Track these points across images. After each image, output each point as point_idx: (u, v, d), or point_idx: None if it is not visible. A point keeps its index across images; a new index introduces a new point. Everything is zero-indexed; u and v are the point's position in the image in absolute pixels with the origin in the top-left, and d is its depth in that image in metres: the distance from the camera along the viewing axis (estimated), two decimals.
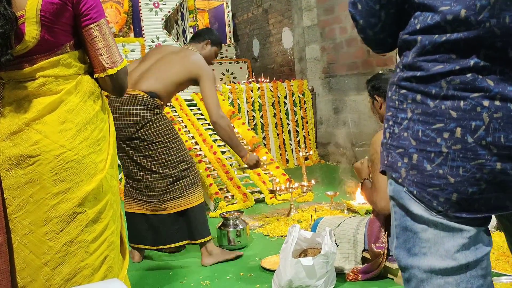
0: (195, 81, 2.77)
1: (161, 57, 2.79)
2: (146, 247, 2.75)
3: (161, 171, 2.57)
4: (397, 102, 0.93)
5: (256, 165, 3.04)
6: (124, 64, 1.42)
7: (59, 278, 1.26)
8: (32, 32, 1.25)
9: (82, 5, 1.32)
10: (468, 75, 0.82)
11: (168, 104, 5.16)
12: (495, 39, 0.80)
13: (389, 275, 2.29)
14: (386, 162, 0.96)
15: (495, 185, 0.84)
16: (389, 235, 2.29)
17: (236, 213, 3.10)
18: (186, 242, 2.68)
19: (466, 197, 0.85)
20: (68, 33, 1.34)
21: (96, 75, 1.41)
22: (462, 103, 0.83)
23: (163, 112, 2.67)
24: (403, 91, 0.91)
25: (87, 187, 1.30)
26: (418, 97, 0.88)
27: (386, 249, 2.23)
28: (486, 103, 0.81)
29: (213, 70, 2.97)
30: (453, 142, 0.84)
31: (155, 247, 2.74)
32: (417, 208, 0.90)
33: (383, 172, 1.00)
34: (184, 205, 2.60)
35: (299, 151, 5.77)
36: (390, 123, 0.95)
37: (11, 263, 1.27)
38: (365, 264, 2.32)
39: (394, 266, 2.22)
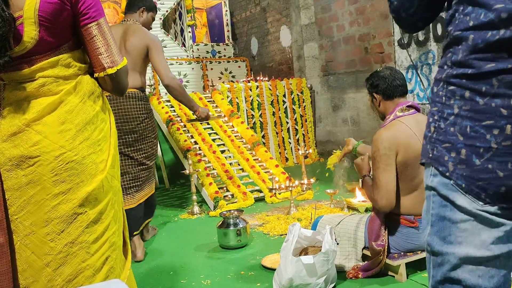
0: (146, 53, 3.05)
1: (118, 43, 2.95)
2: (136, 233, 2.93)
3: (146, 163, 2.99)
4: (444, 98, 0.97)
5: (206, 117, 3.45)
6: (124, 64, 1.41)
7: (60, 279, 1.26)
8: (30, 32, 1.24)
9: (80, 4, 1.31)
10: None
11: (167, 104, 5.18)
12: None
13: (389, 273, 2.30)
14: (430, 155, 1.00)
15: None
16: (389, 233, 2.29)
17: (236, 212, 3.10)
18: (149, 220, 3.17)
19: None
20: (67, 33, 1.33)
21: (96, 75, 1.40)
22: None
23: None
24: (452, 87, 0.95)
25: (88, 188, 1.30)
26: (467, 94, 0.91)
27: (386, 247, 2.23)
28: None
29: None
30: (503, 138, 0.88)
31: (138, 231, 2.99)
32: (462, 200, 0.95)
33: (423, 164, 1.04)
34: (152, 190, 3.07)
35: (298, 149, 5.77)
36: (436, 117, 0.99)
37: (13, 264, 1.26)
38: (366, 262, 2.33)
39: (395, 263, 2.22)
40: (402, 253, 2.29)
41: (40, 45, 1.27)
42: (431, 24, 4.26)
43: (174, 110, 5.15)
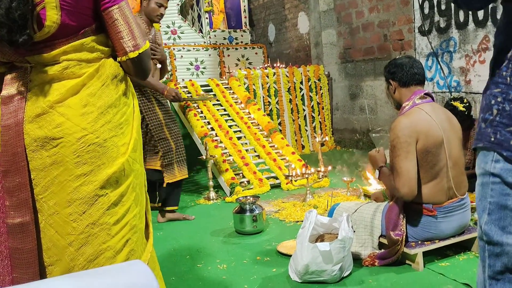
0: None
1: None
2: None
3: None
4: (508, 79, 0.91)
5: (176, 97, 3.16)
6: (146, 47, 1.40)
7: (82, 259, 1.29)
8: (52, 16, 1.25)
9: None
10: None
11: (184, 90, 5.15)
12: None
13: (406, 261, 2.29)
14: (492, 139, 0.94)
15: None
16: (407, 222, 2.28)
17: (252, 198, 3.11)
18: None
19: None
20: (89, 17, 1.33)
21: (118, 59, 1.40)
22: None
23: (142, 100, 3.09)
24: None
25: (109, 170, 1.31)
26: None
27: (404, 236, 2.22)
28: None
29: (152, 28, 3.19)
30: None
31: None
32: None
33: (475, 149, 0.98)
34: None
35: (315, 137, 5.74)
36: (499, 99, 0.93)
37: (38, 242, 1.30)
38: (382, 250, 2.32)
39: (412, 252, 2.21)
40: (419, 242, 2.28)
41: (63, 29, 1.28)
42: (452, 10, 4.17)
43: (191, 96, 5.16)
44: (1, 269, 1.31)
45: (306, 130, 5.85)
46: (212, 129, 4.71)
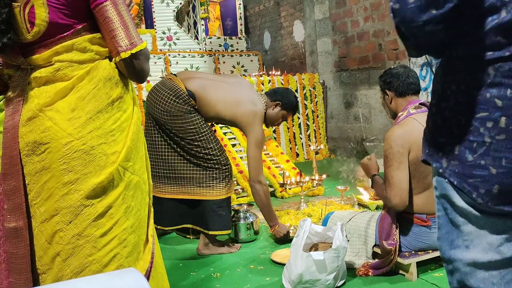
0: (238, 127, 2.85)
1: (231, 81, 2.87)
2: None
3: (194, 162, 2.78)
4: (441, 89, 0.89)
5: (285, 236, 2.86)
6: (142, 47, 1.28)
7: (69, 270, 1.24)
8: (41, 14, 1.21)
9: None
10: None
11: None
12: None
13: (400, 271, 2.28)
14: (427, 151, 0.93)
15: None
16: (401, 232, 2.27)
17: (246, 206, 3.10)
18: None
19: (509, 189, 0.81)
20: (79, 15, 1.27)
21: (113, 60, 1.31)
22: (508, 91, 0.79)
23: (196, 113, 2.66)
24: (448, 77, 0.88)
25: (95, 180, 1.24)
26: (462, 87, 0.85)
27: (397, 246, 2.21)
28: None
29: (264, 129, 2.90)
30: (497, 132, 0.80)
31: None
32: (459, 200, 0.87)
33: (424, 161, 0.97)
34: (203, 196, 2.71)
35: (309, 145, 5.75)
36: (433, 110, 0.92)
37: (32, 249, 1.26)
38: (376, 260, 2.31)
39: (406, 262, 2.21)
40: (413, 252, 2.27)
41: (52, 27, 1.24)
42: None
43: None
44: None
45: (301, 138, 5.85)
46: None
